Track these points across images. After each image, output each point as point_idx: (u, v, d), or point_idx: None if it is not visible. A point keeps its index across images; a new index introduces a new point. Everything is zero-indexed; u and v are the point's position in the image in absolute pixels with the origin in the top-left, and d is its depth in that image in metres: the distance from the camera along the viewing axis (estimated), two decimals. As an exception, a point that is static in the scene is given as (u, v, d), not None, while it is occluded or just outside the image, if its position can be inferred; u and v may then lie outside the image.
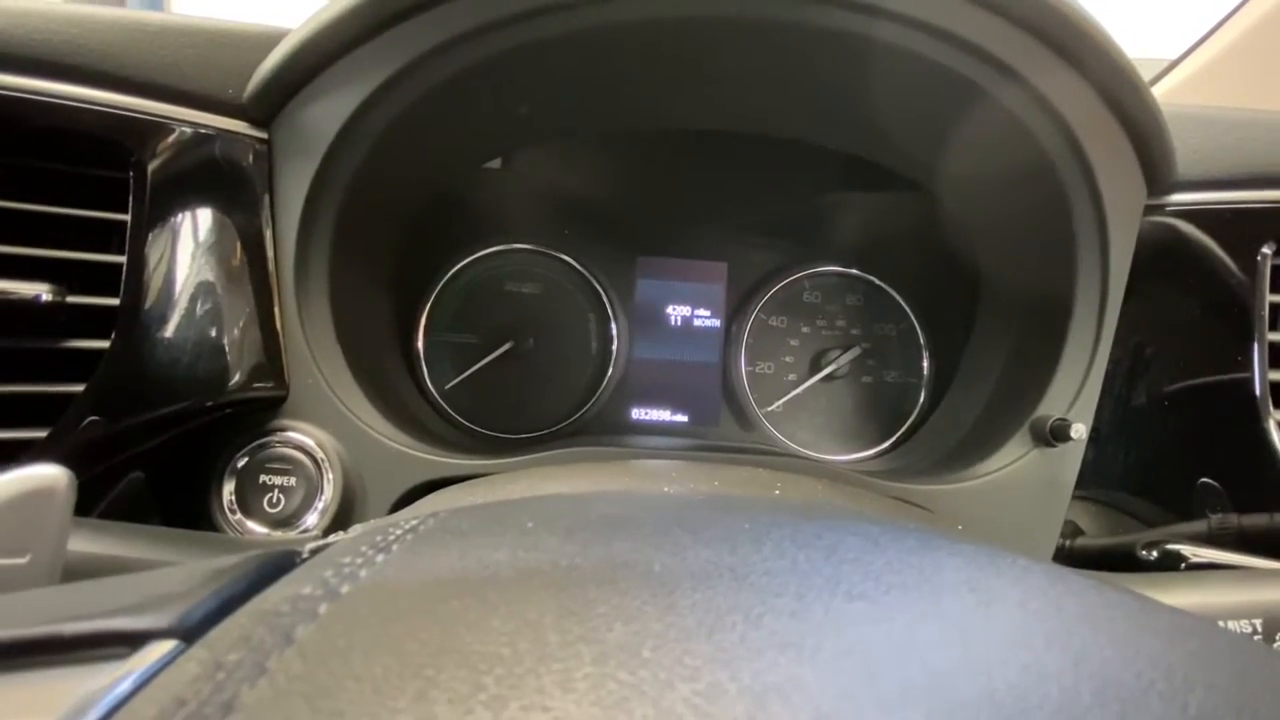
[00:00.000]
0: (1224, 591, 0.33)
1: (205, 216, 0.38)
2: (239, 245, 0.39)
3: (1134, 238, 0.42)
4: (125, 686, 0.11)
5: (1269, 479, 0.40)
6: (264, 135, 0.39)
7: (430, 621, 0.11)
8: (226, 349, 0.38)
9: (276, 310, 0.40)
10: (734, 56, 0.37)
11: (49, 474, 0.18)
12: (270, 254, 0.40)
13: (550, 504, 0.19)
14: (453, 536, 0.15)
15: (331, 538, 0.18)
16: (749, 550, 0.14)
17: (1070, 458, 0.43)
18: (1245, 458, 0.40)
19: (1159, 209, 0.42)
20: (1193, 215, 0.42)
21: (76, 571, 0.26)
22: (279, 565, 0.15)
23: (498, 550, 0.14)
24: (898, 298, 0.58)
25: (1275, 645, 0.32)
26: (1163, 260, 0.43)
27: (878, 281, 0.59)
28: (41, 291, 0.34)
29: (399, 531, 0.16)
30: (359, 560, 0.14)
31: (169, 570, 0.15)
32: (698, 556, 0.14)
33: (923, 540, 0.17)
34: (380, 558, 0.14)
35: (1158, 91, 0.84)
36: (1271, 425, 0.39)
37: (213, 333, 0.38)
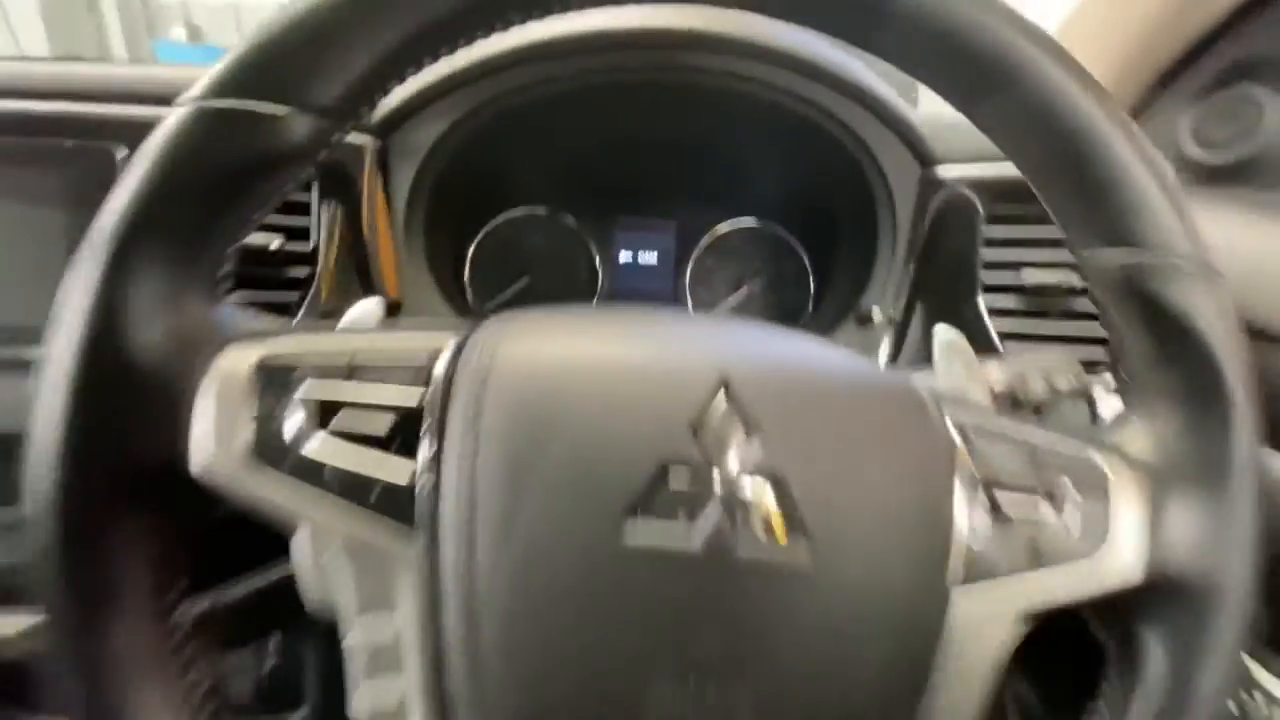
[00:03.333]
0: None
1: (350, 193, 0.65)
2: (371, 211, 0.65)
3: (913, 197, 0.68)
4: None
5: (981, 339, 0.67)
6: (383, 145, 0.65)
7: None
8: (369, 275, 0.65)
9: (390, 254, 0.67)
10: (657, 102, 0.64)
11: (374, 301, 0.44)
12: (389, 218, 0.66)
13: None
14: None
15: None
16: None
17: (878, 334, 0.70)
18: (971, 329, 0.68)
19: (931, 177, 0.69)
20: (953, 182, 0.69)
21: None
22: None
23: None
24: (791, 240, 0.85)
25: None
26: (943, 213, 0.69)
27: (779, 230, 0.85)
28: (273, 241, 0.61)
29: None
30: None
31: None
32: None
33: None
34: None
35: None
36: (981, 305, 0.66)
37: (359, 268, 0.65)
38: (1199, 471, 0.33)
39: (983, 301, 0.65)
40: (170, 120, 0.29)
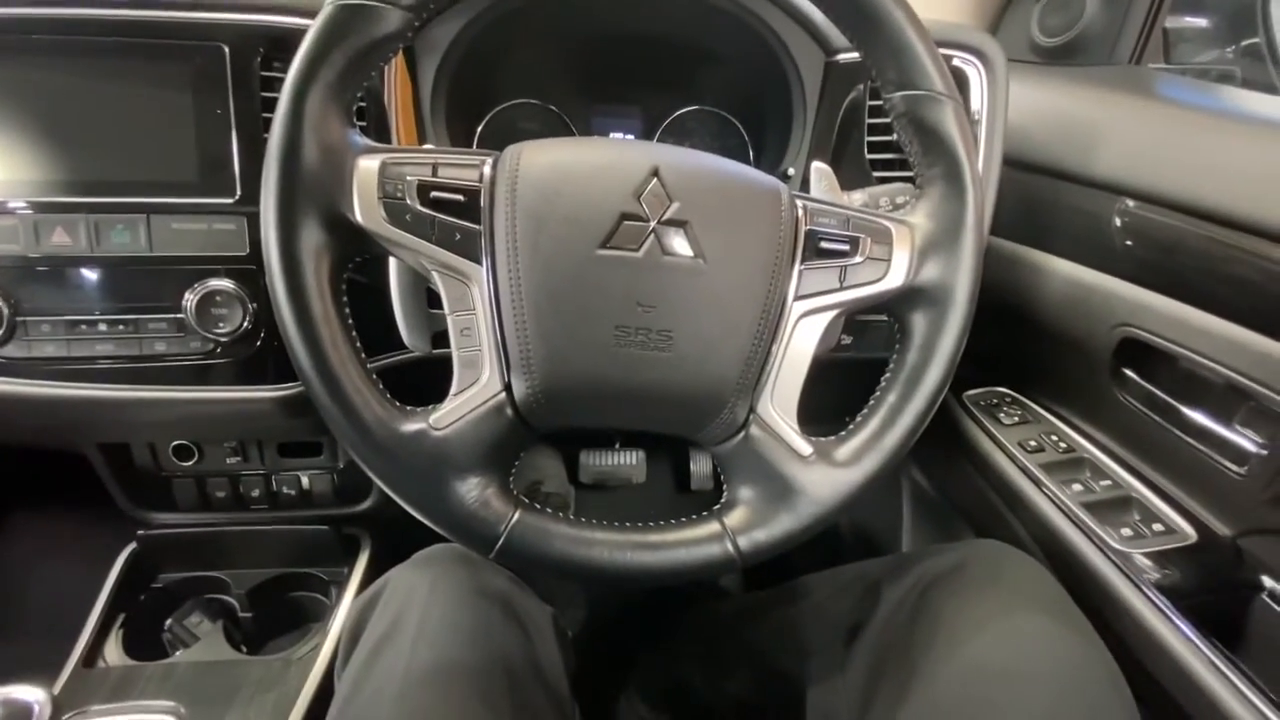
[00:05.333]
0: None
1: (384, 80, 0.85)
2: (398, 98, 0.85)
3: (819, 76, 0.89)
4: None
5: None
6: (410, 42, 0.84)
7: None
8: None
9: (414, 130, 0.87)
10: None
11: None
12: (411, 104, 0.86)
13: None
14: None
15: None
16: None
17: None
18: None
19: (834, 64, 0.89)
20: (851, 66, 0.89)
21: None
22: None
23: None
24: (733, 120, 1.06)
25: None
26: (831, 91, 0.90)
27: (721, 112, 1.06)
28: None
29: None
30: None
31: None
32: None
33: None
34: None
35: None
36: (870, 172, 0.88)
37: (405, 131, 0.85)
38: (946, 226, 0.58)
39: (868, 159, 0.88)
40: (321, 14, 0.51)
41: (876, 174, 0.86)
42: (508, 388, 0.49)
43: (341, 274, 0.52)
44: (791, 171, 0.90)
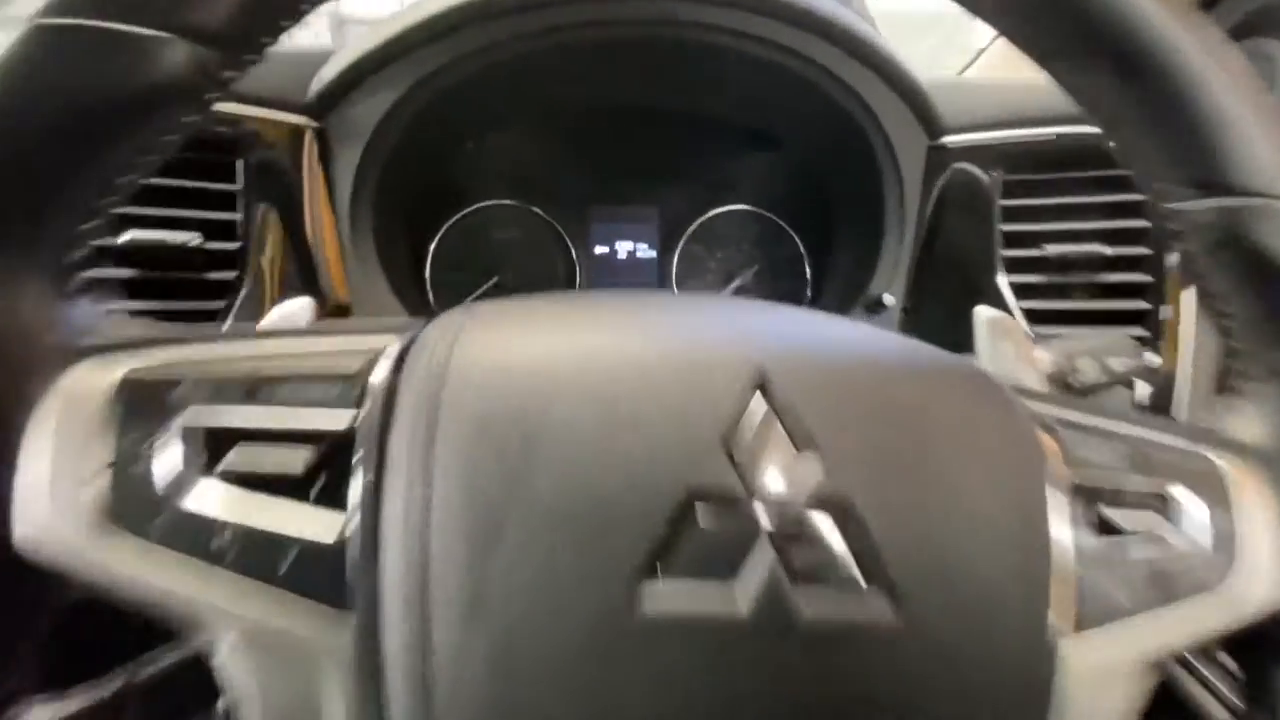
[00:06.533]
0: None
1: (286, 185, 0.56)
2: (313, 202, 0.56)
3: (920, 168, 0.62)
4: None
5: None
6: (321, 126, 0.56)
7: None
8: (309, 275, 0.56)
9: (333, 250, 0.58)
10: (636, 60, 0.57)
11: (302, 301, 0.36)
12: (332, 209, 0.57)
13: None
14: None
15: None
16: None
17: (888, 321, 0.64)
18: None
19: (939, 149, 0.63)
20: (960, 152, 0.63)
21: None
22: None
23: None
24: (785, 226, 0.78)
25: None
26: (947, 189, 0.63)
27: (769, 215, 0.79)
28: (191, 238, 0.52)
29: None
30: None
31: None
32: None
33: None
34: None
35: (984, 60, 1.05)
36: (1004, 285, 0.60)
37: (299, 266, 0.56)
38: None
39: (1004, 280, 0.59)
40: (7, 46, 0.21)
41: (1023, 305, 0.57)
42: None
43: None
44: (890, 300, 0.61)
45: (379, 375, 0.22)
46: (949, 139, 0.62)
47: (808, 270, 0.78)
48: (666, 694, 0.20)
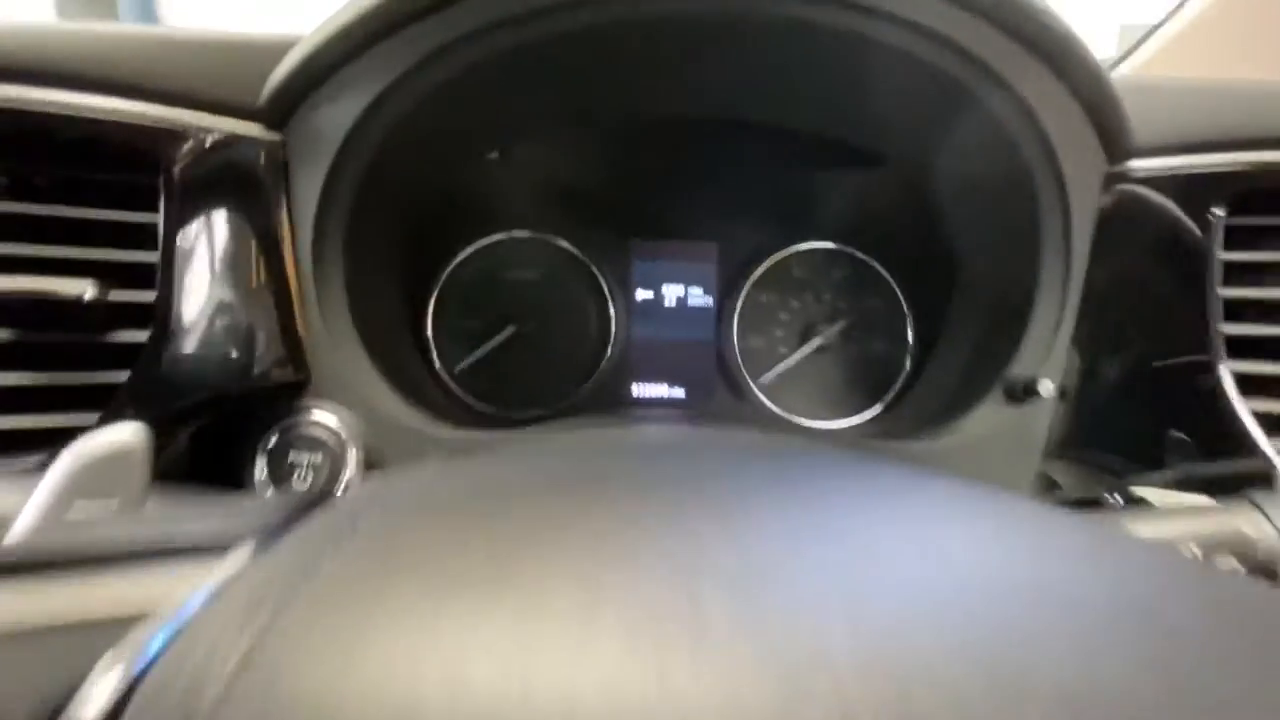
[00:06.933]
0: (1167, 524, 0.36)
1: (228, 215, 0.41)
2: (260, 241, 0.42)
3: (1094, 205, 0.44)
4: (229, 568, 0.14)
5: (1225, 427, 0.42)
6: (279, 137, 0.42)
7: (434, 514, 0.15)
8: (252, 338, 0.42)
9: (296, 301, 0.43)
10: (725, 50, 0.40)
11: (131, 429, 0.21)
12: (290, 248, 0.43)
13: (549, 449, 0.22)
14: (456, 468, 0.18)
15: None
16: (715, 488, 0.17)
17: (1040, 413, 0.46)
18: (1204, 409, 0.43)
19: (1119, 176, 0.45)
20: (1150, 181, 0.45)
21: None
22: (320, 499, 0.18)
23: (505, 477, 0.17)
24: (881, 271, 0.61)
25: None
26: (1124, 225, 0.45)
27: (862, 256, 0.61)
28: (86, 289, 0.38)
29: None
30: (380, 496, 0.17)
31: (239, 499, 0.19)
32: (680, 475, 0.17)
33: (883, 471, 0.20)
34: (395, 493, 0.17)
35: (1136, 59, 0.86)
36: (1226, 375, 0.42)
37: (239, 324, 0.41)
38: None
39: (1226, 371, 0.41)
40: None
41: (1254, 407, 0.39)
42: None
43: None
44: (1048, 389, 0.43)
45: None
46: (1137, 164, 0.44)
47: (909, 330, 0.61)
48: None
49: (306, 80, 0.40)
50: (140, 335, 0.39)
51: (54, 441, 0.37)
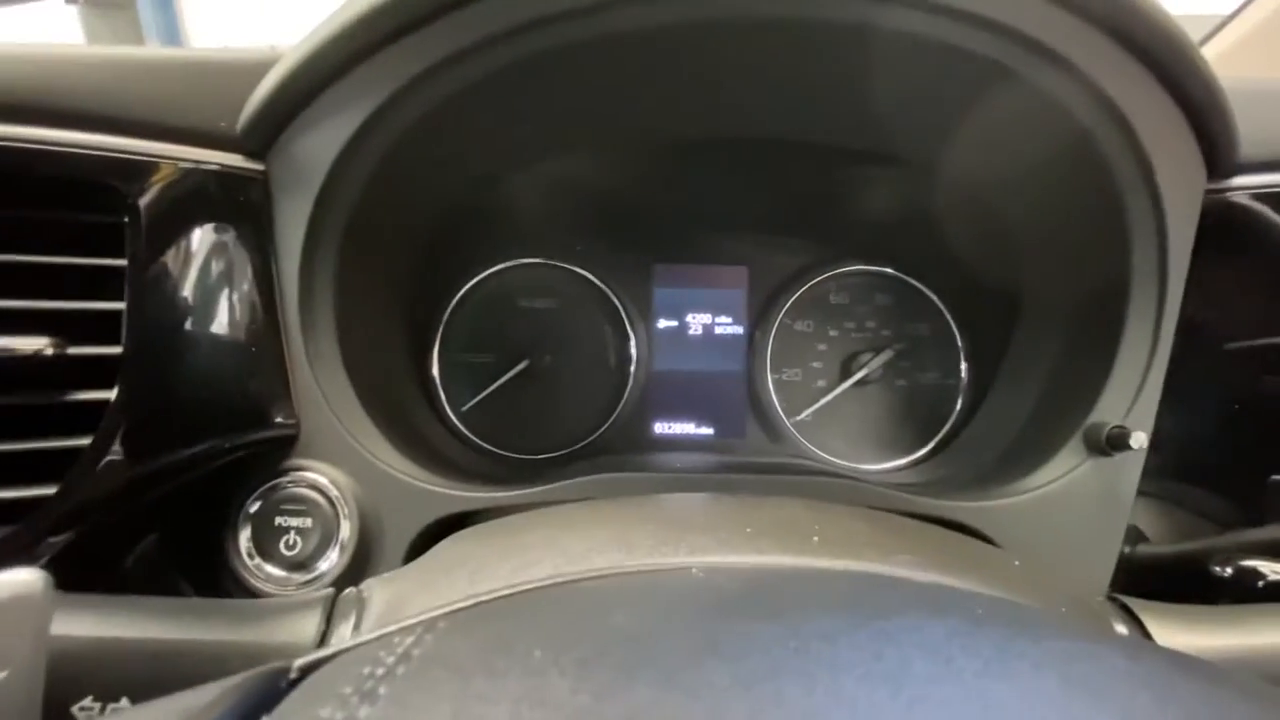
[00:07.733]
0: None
1: (204, 255, 0.37)
2: (241, 283, 0.37)
3: (1194, 226, 0.38)
4: None
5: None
6: (260, 167, 0.38)
7: None
8: (233, 390, 0.37)
9: (283, 347, 0.39)
10: (755, 58, 0.35)
11: (23, 579, 0.16)
12: (274, 289, 0.38)
13: (563, 616, 0.17)
14: (450, 674, 0.13)
15: (322, 651, 0.17)
16: (798, 694, 0.12)
17: (1129, 468, 0.40)
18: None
19: (1220, 192, 0.39)
20: (1258, 197, 0.39)
21: (66, 657, 0.25)
22: (265, 698, 0.13)
23: (498, 702, 0.12)
24: (931, 295, 0.55)
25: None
26: (1225, 244, 0.39)
27: (909, 279, 0.56)
28: (42, 346, 0.33)
29: (391, 660, 0.14)
30: (353, 695, 0.12)
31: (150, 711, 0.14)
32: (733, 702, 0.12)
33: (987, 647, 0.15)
34: (368, 703, 0.12)
35: (1206, 54, 0.79)
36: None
37: (218, 375, 0.37)
38: None
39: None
40: None
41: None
42: None
43: None
44: (1140, 441, 0.37)
45: None
46: (1244, 180, 0.38)
47: (962, 363, 0.55)
48: None
49: (287, 104, 0.35)
50: (106, 394, 0.35)
51: (7, 519, 0.33)
